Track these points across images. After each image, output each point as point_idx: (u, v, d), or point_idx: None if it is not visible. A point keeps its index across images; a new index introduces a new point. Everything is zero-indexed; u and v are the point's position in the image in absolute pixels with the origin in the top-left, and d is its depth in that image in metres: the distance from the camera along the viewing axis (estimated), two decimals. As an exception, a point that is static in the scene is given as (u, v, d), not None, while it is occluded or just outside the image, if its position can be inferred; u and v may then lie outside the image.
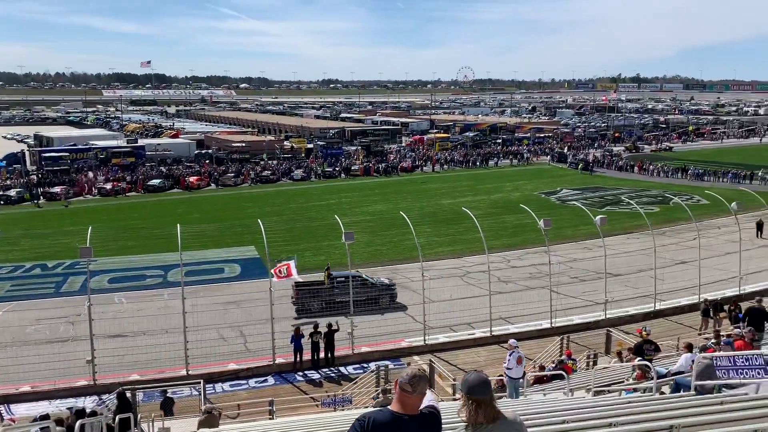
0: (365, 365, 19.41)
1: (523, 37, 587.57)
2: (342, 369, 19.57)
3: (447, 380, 16.89)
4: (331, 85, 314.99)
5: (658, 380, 10.20)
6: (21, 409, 16.50)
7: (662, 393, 9.73)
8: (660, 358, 14.26)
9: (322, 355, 19.68)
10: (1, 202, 49.58)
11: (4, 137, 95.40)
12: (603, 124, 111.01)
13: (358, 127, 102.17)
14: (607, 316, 22.75)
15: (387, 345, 20.95)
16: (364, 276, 25.07)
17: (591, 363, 18.43)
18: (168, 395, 15.93)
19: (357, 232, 23.42)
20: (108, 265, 29.60)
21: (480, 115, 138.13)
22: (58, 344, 20.82)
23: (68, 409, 12.99)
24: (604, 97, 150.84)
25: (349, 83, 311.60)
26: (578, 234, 35.72)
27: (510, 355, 14.49)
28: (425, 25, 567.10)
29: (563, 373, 14.51)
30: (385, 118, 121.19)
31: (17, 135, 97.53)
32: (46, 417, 10.49)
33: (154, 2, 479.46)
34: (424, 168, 69.24)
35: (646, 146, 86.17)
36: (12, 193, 51.00)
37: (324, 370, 19.41)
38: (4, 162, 62.77)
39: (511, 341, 15.07)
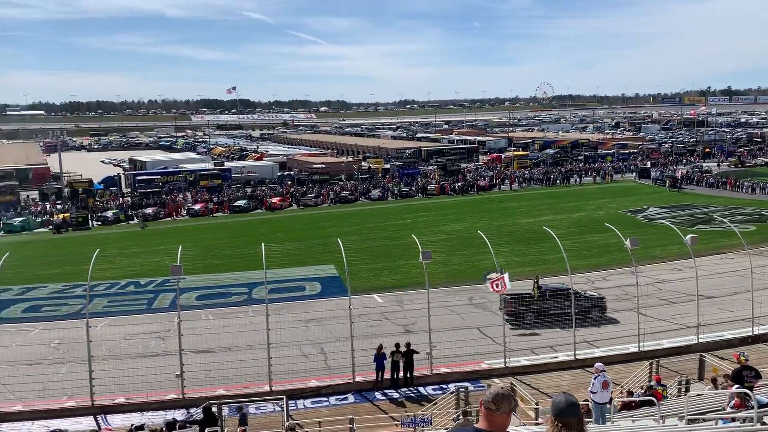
0: (444, 386, 19.22)
1: (605, 52, 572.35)
2: (421, 389, 19.46)
3: (529, 404, 16.47)
4: (408, 106, 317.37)
5: (760, 409, 9.56)
6: (117, 420, 17.35)
7: (764, 423, 9.11)
8: (761, 386, 13.36)
9: (401, 374, 19.66)
10: (99, 223, 52.74)
11: (102, 161, 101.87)
12: (691, 139, 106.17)
13: (434, 146, 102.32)
14: (700, 341, 21.56)
15: (466, 366, 20.69)
16: (574, 288, 24.94)
17: (683, 389, 17.48)
18: (243, 411, 16.19)
19: (434, 252, 23.34)
20: (196, 283, 30.87)
21: (560, 132, 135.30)
22: (150, 358, 21.78)
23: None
24: (692, 111, 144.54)
25: (426, 103, 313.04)
26: (667, 254, 34.18)
27: (595, 379, 13.98)
28: (502, 43, 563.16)
29: (653, 399, 13.85)
30: (462, 137, 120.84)
31: (114, 159, 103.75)
32: (141, 428, 10.99)
33: (239, 31, 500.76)
34: (502, 186, 68.38)
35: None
36: (109, 214, 54.17)
37: (403, 389, 19.37)
38: (102, 185, 66.99)
39: (597, 365, 14.54)
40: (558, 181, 70.82)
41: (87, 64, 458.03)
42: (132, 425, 14.02)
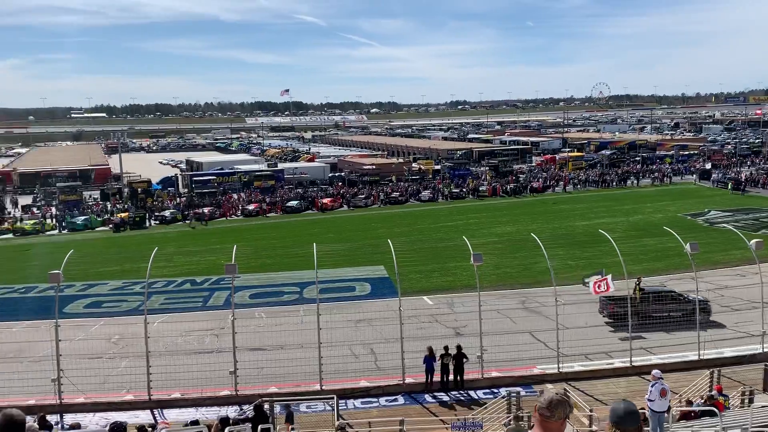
0: (495, 390, 18.98)
1: (664, 50, 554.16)
2: (471, 393, 19.27)
3: (583, 410, 16.10)
4: (459, 107, 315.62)
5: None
6: (172, 415, 17.81)
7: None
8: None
9: (451, 377, 19.53)
10: (157, 222, 54.36)
11: (160, 162, 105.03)
12: (757, 140, 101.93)
13: (485, 147, 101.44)
14: (765, 350, 20.64)
15: (518, 371, 20.39)
16: (677, 291, 24.65)
17: (746, 401, 16.77)
18: (290, 408, 16.32)
19: (485, 254, 23.08)
20: (249, 282, 31.44)
21: (617, 133, 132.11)
22: (205, 355, 22.28)
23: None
24: (758, 111, 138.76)
25: (477, 104, 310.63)
26: (730, 259, 32.88)
27: (652, 387, 13.55)
28: (556, 42, 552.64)
29: (714, 409, 13.33)
30: (515, 138, 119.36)
31: (171, 160, 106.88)
32: (196, 423, 11.24)
33: (292, 34, 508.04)
34: (556, 188, 67.17)
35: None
36: (167, 213, 55.78)
37: (453, 392, 19.23)
38: (160, 185, 69.04)
39: (655, 372, 14.10)
40: (614, 183, 69.09)
41: (146, 68, 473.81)
42: (188, 420, 14.36)
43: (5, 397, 17.27)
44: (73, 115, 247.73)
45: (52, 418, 15.99)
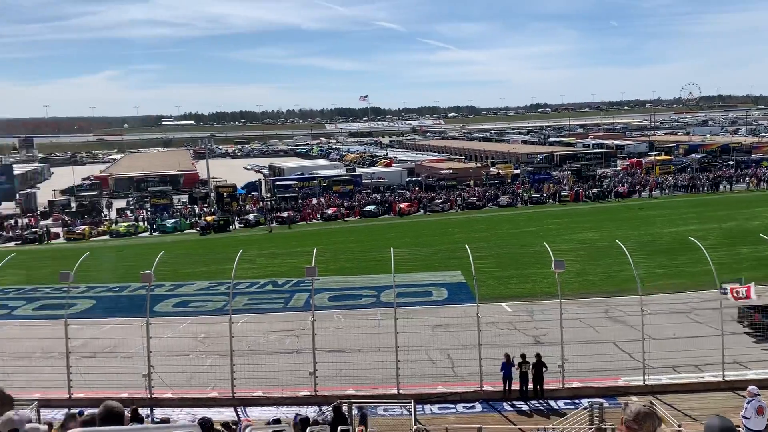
0: (576, 401, 18.40)
1: (762, 48, 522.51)
2: (551, 403, 18.79)
3: (670, 425, 15.38)
4: (540, 110, 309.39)
5: None
6: (254, 413, 18.35)
7: None
8: None
9: (530, 386, 19.13)
10: (242, 225, 56.30)
11: (245, 168, 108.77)
12: None
13: (567, 151, 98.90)
14: None
15: (601, 382, 19.71)
16: None
17: None
18: (363, 411, 16.40)
19: (567, 261, 22.47)
20: (328, 284, 31.99)
21: (708, 135, 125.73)
22: (285, 355, 22.80)
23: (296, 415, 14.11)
24: None
25: (559, 106, 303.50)
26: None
27: (748, 404, 12.79)
28: (643, 42, 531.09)
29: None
30: (598, 141, 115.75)
31: (255, 165, 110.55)
32: (277, 421, 11.54)
33: (371, 41, 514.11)
34: (642, 193, 64.58)
35: None
36: (250, 217, 57.69)
37: (532, 401, 18.82)
38: (245, 189, 71.51)
39: (751, 388, 13.29)
40: (705, 188, 65.78)
41: (231, 76, 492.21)
42: (271, 419, 14.76)
43: (101, 390, 18.30)
44: (163, 123, 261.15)
45: (142, 412, 16.82)
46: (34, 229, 55.42)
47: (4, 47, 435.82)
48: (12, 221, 59.81)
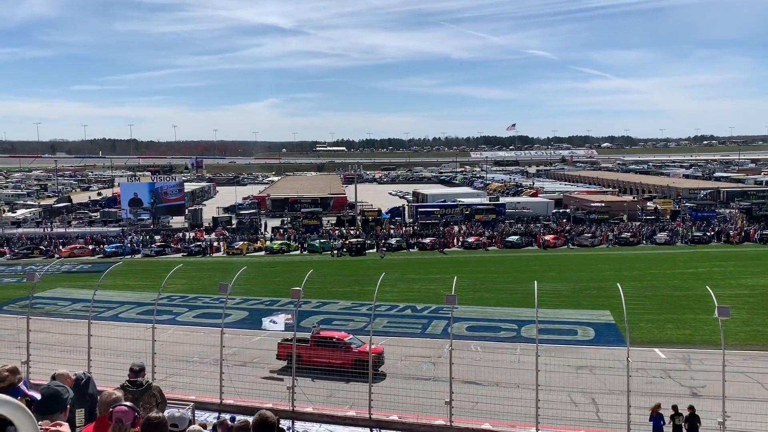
0: (741, 464, 16.53)
1: None
2: (712, 463, 16.99)
3: None
4: (705, 142, 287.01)
5: None
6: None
7: None
8: None
9: (684, 441, 17.48)
10: (385, 249, 57.51)
11: (390, 193, 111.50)
12: None
13: (736, 187, 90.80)
14: None
15: (771, 446, 17.54)
16: None
17: None
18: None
19: (732, 307, 20.40)
20: (467, 314, 31.58)
21: None
22: (421, 381, 22.75)
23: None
24: None
25: (727, 139, 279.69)
26: None
27: None
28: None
29: None
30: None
31: (399, 191, 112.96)
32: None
33: (520, 69, 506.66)
34: (826, 237, 57.36)
35: None
36: (393, 241, 58.80)
37: (688, 459, 17.15)
38: (389, 214, 73.16)
39: None
40: None
41: (381, 105, 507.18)
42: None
43: (249, 398, 19.35)
44: (317, 148, 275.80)
45: (284, 423, 17.52)
46: (198, 243, 60.52)
47: (185, 77, 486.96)
48: (180, 234, 65.78)
